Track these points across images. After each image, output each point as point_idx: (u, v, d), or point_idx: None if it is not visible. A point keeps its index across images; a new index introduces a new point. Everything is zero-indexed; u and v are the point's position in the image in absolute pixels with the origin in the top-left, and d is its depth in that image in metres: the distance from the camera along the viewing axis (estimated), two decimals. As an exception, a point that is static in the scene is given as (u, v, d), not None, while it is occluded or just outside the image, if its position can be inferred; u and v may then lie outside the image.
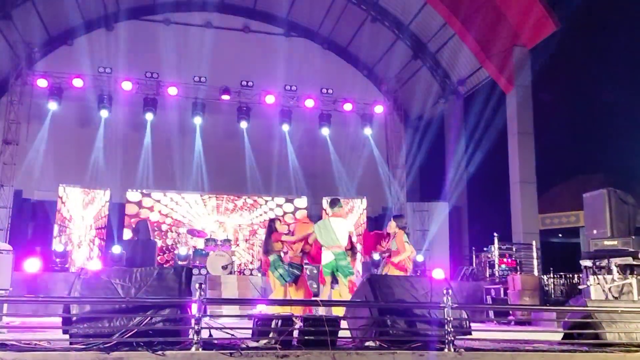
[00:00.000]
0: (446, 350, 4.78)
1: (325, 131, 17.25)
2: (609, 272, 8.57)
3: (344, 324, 5.45)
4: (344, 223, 8.22)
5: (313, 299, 7.41)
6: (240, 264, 15.96)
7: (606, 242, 8.99)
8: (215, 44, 17.13)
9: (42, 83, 15.23)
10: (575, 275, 13.31)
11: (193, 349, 4.40)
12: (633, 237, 8.85)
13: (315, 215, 17.18)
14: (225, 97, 16.33)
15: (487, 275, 13.95)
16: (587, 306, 5.96)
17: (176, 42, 17.09)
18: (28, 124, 15.22)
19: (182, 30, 17.86)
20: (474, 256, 14.91)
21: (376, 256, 13.99)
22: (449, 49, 17.64)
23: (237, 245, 16.20)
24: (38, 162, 15.60)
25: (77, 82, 15.37)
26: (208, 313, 4.85)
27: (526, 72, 15.68)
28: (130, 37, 17.40)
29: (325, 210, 8.60)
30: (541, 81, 15.76)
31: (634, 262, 8.39)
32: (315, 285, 9.02)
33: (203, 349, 4.43)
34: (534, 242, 14.29)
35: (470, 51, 16.61)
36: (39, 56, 16.17)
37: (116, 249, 12.95)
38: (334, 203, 8.30)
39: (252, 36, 18.52)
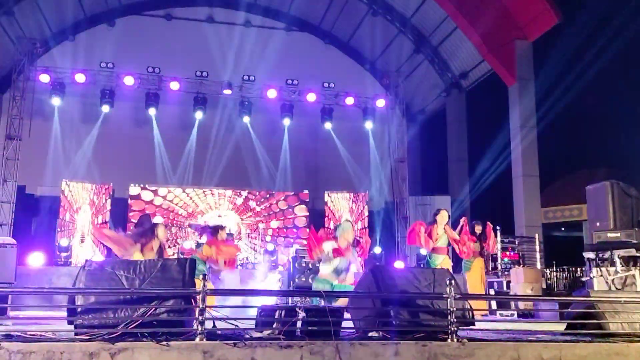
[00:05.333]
0: (449, 340, 4.79)
1: (327, 125, 17.24)
2: (612, 264, 8.56)
3: (347, 314, 5.47)
4: None
5: (314, 290, 7.40)
6: (242, 258, 15.98)
7: (609, 234, 8.97)
8: (216, 38, 17.11)
9: (44, 78, 15.23)
10: (578, 269, 13.33)
11: (197, 339, 4.42)
12: (636, 229, 8.83)
13: (317, 210, 17.22)
14: (227, 91, 16.33)
15: (490, 269, 13.97)
16: (589, 297, 5.96)
17: (178, 37, 17.11)
18: (31, 119, 15.20)
19: (183, 25, 17.87)
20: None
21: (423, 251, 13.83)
22: (450, 43, 17.62)
23: (240, 239, 16.23)
24: (41, 158, 15.62)
25: (79, 78, 15.37)
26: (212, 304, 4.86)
27: (528, 65, 15.66)
28: (131, 32, 17.44)
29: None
30: (544, 74, 15.73)
31: (637, 254, 8.37)
32: None
33: (207, 340, 4.45)
34: (536, 236, 14.30)
35: (472, 44, 16.59)
36: (41, 52, 16.13)
37: (119, 244, 12.96)
38: None
39: (253, 30, 18.48)
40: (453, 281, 5.09)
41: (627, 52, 15.76)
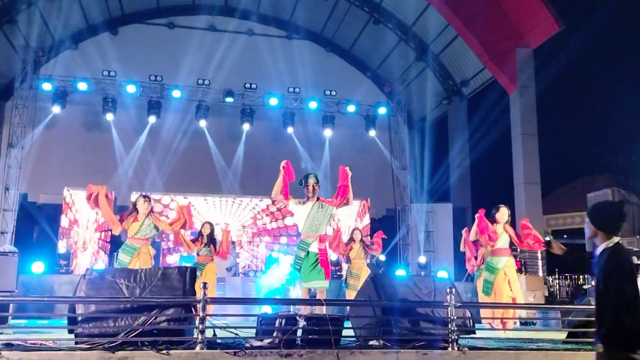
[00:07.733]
0: (450, 349, 4.78)
1: (328, 133, 17.27)
2: (614, 271, 8.53)
3: (347, 323, 5.47)
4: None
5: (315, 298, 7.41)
6: (244, 266, 15.98)
7: (610, 242, 8.95)
8: (218, 47, 17.17)
9: (47, 87, 15.33)
10: (581, 277, 13.28)
11: (197, 348, 4.42)
12: (638, 236, 8.85)
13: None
14: (229, 99, 16.39)
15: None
16: (591, 305, 5.94)
17: (180, 46, 17.16)
18: (33, 127, 15.28)
19: (185, 34, 17.92)
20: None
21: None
22: (452, 51, 17.65)
23: (242, 247, 16.22)
24: (43, 166, 15.66)
25: (82, 86, 15.45)
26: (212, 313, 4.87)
27: (529, 73, 15.65)
28: (134, 41, 17.51)
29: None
30: (545, 82, 15.75)
31: (639, 262, 8.36)
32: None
33: (207, 348, 4.45)
34: (538, 243, 14.23)
35: (473, 52, 16.61)
36: (44, 60, 16.21)
37: (121, 251, 12.96)
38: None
39: (255, 39, 18.54)
40: (453, 289, 5.09)
41: (629, 59, 15.79)
